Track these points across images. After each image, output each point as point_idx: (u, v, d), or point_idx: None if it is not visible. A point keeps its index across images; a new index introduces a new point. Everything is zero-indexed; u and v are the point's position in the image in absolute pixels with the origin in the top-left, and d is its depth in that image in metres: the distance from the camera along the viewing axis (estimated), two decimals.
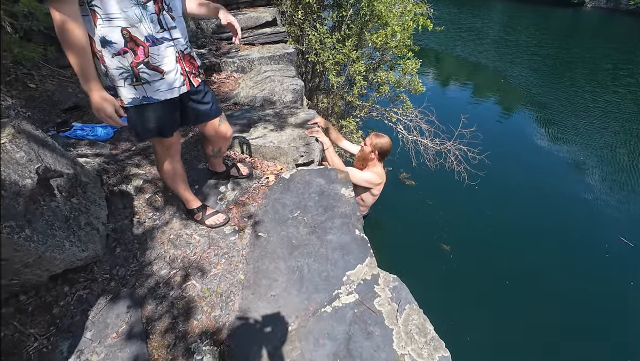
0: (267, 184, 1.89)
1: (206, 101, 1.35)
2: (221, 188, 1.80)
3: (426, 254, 4.82)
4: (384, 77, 3.92)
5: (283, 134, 2.15)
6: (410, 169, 5.86)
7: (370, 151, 2.23)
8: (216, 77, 3.21)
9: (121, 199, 1.63)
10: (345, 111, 4.40)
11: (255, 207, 1.73)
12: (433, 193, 5.44)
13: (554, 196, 5.23)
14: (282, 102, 2.75)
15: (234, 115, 2.54)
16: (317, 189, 1.80)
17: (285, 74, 3.08)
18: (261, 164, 2.07)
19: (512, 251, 4.55)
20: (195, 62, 1.27)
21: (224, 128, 1.47)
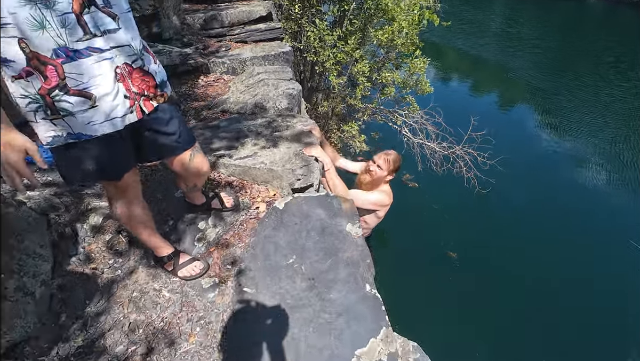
0: (257, 216, 1.58)
1: (170, 130, 1.02)
2: (200, 224, 1.48)
3: (431, 262, 4.55)
4: (389, 78, 3.58)
5: (276, 152, 1.82)
6: (415, 172, 5.55)
7: (386, 175, 1.94)
8: (203, 80, 2.87)
9: (74, 243, 1.31)
10: (347, 114, 4.07)
11: (242, 248, 1.42)
12: (438, 197, 5.14)
13: (571, 204, 4.94)
14: (276, 109, 2.42)
15: (220, 126, 2.22)
16: (317, 224, 1.49)
17: (280, 76, 2.74)
18: (250, 189, 1.75)
19: (521, 260, 4.28)
20: (153, 78, 0.95)
21: (198, 163, 1.15)
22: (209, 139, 2.04)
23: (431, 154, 4.67)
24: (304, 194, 1.68)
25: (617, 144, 6.34)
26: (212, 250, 1.40)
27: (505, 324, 3.66)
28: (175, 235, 1.43)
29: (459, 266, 4.56)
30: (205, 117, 2.41)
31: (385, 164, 1.93)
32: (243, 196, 1.70)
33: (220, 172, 1.81)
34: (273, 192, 1.74)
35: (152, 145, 1.02)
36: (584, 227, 4.67)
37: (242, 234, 1.48)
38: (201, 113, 2.47)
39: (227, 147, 1.94)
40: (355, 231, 1.44)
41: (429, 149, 4.63)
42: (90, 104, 0.80)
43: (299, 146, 1.88)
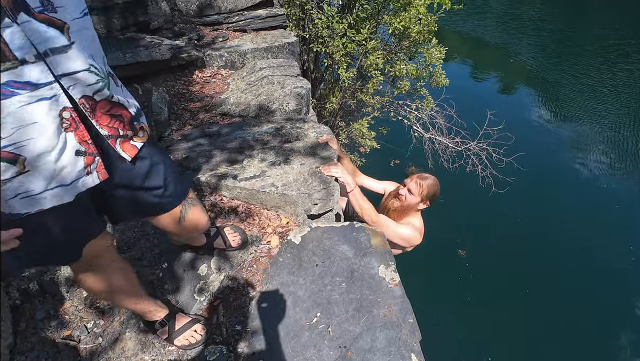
0: (269, 254, 1.31)
1: (153, 184, 0.74)
2: (201, 268, 1.21)
3: (441, 259, 4.39)
4: (403, 70, 3.25)
5: (289, 171, 1.54)
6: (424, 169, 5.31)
7: (418, 202, 1.62)
8: (199, 76, 2.54)
9: (43, 303, 1.04)
10: (355, 109, 3.76)
11: (253, 299, 1.16)
12: (450, 195, 4.92)
13: (592, 205, 4.72)
14: (283, 111, 2.12)
15: (220, 133, 1.92)
16: (344, 266, 1.23)
17: (286, 72, 2.42)
18: (259, 216, 1.47)
19: (537, 269, 4.13)
20: (126, 109, 0.66)
21: (192, 220, 0.86)
22: (208, 151, 1.75)
23: (443, 149, 4.39)
24: (324, 223, 1.41)
25: None
26: (217, 303, 1.14)
27: (512, 325, 3.56)
28: (171, 283, 1.17)
29: (468, 265, 4.40)
30: (203, 122, 2.11)
31: (418, 189, 1.62)
32: (251, 226, 1.42)
33: (223, 195, 1.53)
34: (286, 220, 1.47)
35: (129, 205, 0.74)
36: (611, 234, 4.49)
37: (252, 279, 1.22)
38: (197, 116, 2.17)
39: (230, 161, 1.66)
40: (391, 277, 1.18)
41: (441, 144, 4.35)
42: (18, 169, 0.51)
43: (314, 161, 1.59)
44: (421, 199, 1.59)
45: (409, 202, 1.62)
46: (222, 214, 1.46)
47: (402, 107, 4.04)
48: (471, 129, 4.20)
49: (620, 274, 4.05)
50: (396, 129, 4.59)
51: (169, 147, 1.82)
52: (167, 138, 1.92)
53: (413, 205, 1.61)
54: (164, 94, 2.04)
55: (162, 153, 0.79)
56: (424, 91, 3.63)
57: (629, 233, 4.49)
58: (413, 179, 1.63)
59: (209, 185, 1.52)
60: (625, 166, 5.59)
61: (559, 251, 4.30)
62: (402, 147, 5.15)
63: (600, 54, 8.91)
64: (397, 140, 5.28)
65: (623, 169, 5.53)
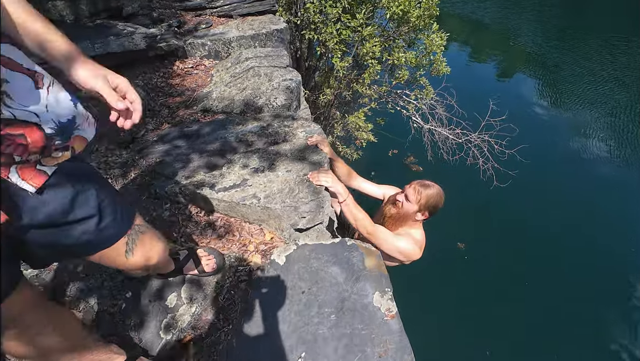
0: (248, 277, 1.16)
1: (81, 215, 0.58)
2: (170, 298, 1.06)
3: (439, 252, 4.29)
4: (402, 59, 3.04)
5: (273, 179, 1.37)
6: (423, 162, 5.15)
7: (416, 211, 1.45)
8: (180, 67, 2.33)
9: None
10: (351, 100, 3.55)
11: (230, 335, 1.01)
12: (450, 189, 4.78)
13: (594, 196, 4.60)
14: (271, 107, 1.93)
15: (200, 133, 1.74)
16: (333, 294, 1.08)
17: (274, 62, 2.22)
18: (239, 231, 1.32)
19: (539, 265, 4.04)
20: (36, 126, 0.49)
21: (144, 251, 0.70)
22: (185, 154, 1.58)
23: (442, 141, 4.21)
24: (312, 240, 1.25)
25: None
26: (187, 341, 0.99)
27: (512, 318, 3.51)
28: (134, 317, 1.02)
29: (467, 258, 4.30)
30: (182, 119, 1.92)
31: (415, 196, 1.44)
32: (230, 243, 1.27)
33: (199, 207, 1.37)
34: (270, 235, 1.31)
35: (50, 248, 0.58)
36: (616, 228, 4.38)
37: (229, 311, 1.07)
38: (177, 113, 1.97)
39: (209, 167, 1.48)
40: (387, 307, 1.04)
41: (441, 135, 4.17)
42: None
43: (302, 167, 1.42)
44: (419, 209, 1.43)
45: (405, 210, 1.45)
46: (198, 230, 1.29)
47: (401, 98, 3.84)
48: (472, 120, 4.01)
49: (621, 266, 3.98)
50: (394, 120, 4.39)
51: (142, 150, 1.64)
52: (141, 139, 1.74)
53: (410, 214, 1.44)
54: (137, 89, 1.84)
55: (92, 173, 0.62)
56: (423, 80, 3.42)
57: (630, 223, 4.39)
58: (412, 186, 1.46)
59: (184, 195, 1.35)
60: (626, 154, 5.46)
61: (560, 244, 4.21)
62: (400, 138, 4.99)
63: (601, 36, 8.63)
64: (395, 131, 5.10)
65: (625, 158, 5.40)
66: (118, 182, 1.43)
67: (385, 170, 5.39)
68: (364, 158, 4.58)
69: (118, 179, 1.45)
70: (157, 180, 1.45)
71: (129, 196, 1.38)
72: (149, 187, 1.41)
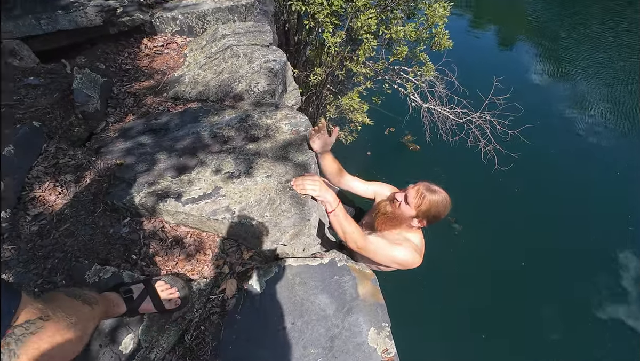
0: (222, 309, 0.98)
1: None
2: (124, 342, 0.88)
3: (432, 231, 4.21)
4: (400, 33, 2.74)
5: (250, 186, 1.17)
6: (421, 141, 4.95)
7: (412, 216, 1.25)
8: (147, 46, 2.04)
9: None
10: (346, 80, 3.27)
11: None
12: (449, 172, 4.62)
13: (596, 174, 4.47)
14: (251, 93, 1.68)
15: (169, 127, 1.51)
16: (321, 330, 0.91)
17: (255, 40, 1.94)
18: (213, 249, 1.13)
19: (535, 235, 3.97)
20: None
21: (39, 356, 0.50)
22: (151, 154, 1.36)
23: (442, 121, 3.97)
24: (297, 261, 1.07)
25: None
26: None
27: (509, 299, 3.51)
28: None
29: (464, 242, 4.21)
30: (150, 109, 1.67)
31: (416, 200, 1.22)
32: (200, 264, 1.08)
33: (164, 221, 1.17)
34: (248, 253, 1.12)
35: None
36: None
37: (199, 352, 0.90)
38: (144, 102, 1.72)
39: (177, 169, 1.27)
40: (384, 347, 0.87)
41: (440, 115, 3.92)
42: None
43: (285, 171, 1.22)
44: (416, 214, 1.24)
45: (401, 212, 1.26)
46: (163, 249, 1.10)
47: (399, 75, 3.56)
48: (474, 98, 3.77)
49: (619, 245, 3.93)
50: (391, 99, 4.13)
51: (100, 149, 1.41)
52: (99, 135, 1.50)
53: (405, 218, 1.26)
54: (93, 74, 1.58)
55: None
56: (423, 57, 3.13)
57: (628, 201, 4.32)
58: (417, 186, 1.26)
59: (145, 208, 1.15)
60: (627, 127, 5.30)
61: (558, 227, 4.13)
62: (398, 116, 4.75)
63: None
64: (392, 110, 4.84)
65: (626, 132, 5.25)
66: (69, 191, 1.22)
67: (381, 149, 5.18)
68: (358, 138, 4.36)
69: (70, 186, 1.24)
70: (115, 187, 1.23)
71: (81, 209, 1.17)
72: (105, 196, 1.20)
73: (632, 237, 4.00)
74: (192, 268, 1.07)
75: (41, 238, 1.08)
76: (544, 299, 3.51)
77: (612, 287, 3.65)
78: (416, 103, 3.91)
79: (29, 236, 1.08)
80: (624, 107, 5.66)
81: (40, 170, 1.28)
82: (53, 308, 0.52)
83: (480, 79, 4.15)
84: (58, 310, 0.52)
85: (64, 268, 1.01)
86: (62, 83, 1.62)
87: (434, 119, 4.00)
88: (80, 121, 1.50)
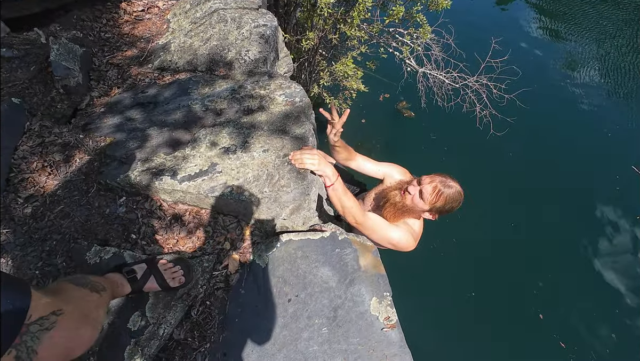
0: (225, 283, 1.00)
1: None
2: (132, 319, 0.90)
3: None
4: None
5: (247, 162, 1.14)
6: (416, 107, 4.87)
7: (425, 210, 1.24)
8: (126, 11, 1.90)
9: None
10: (339, 44, 3.12)
11: (206, 358, 0.88)
12: (439, 127, 4.60)
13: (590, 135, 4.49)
14: (242, 62, 1.60)
15: (159, 100, 1.44)
16: (325, 301, 0.94)
17: (243, 3, 1.81)
18: (213, 225, 1.12)
19: (533, 219, 4.04)
20: None
21: (54, 357, 0.49)
22: (141, 129, 1.31)
23: (438, 86, 3.88)
24: (298, 235, 1.08)
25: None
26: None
27: (502, 266, 3.61)
28: (91, 348, 0.86)
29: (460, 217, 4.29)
30: (136, 81, 1.59)
31: (433, 197, 1.22)
32: (201, 241, 1.08)
33: (161, 199, 1.15)
34: (248, 229, 1.12)
35: None
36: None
37: (206, 326, 0.92)
38: (128, 73, 1.63)
39: (171, 145, 1.23)
40: (386, 315, 0.91)
41: (436, 80, 3.83)
42: None
43: (282, 144, 1.19)
44: (430, 209, 1.23)
45: (414, 204, 1.26)
46: (162, 227, 1.10)
47: (394, 38, 3.40)
48: (471, 61, 3.65)
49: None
50: (386, 64, 3.99)
51: (87, 126, 1.35)
52: (85, 111, 1.43)
53: (416, 210, 1.26)
54: (70, 45, 1.48)
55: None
56: (420, 17, 2.99)
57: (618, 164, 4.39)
58: (434, 182, 1.23)
59: (140, 186, 1.12)
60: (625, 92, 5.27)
61: (550, 189, 4.20)
62: (393, 82, 4.63)
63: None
64: (387, 75, 4.70)
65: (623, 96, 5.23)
66: (60, 171, 1.18)
67: (376, 117, 5.09)
68: (352, 105, 4.26)
69: (60, 166, 1.19)
70: (107, 166, 1.20)
71: (74, 190, 1.14)
72: (97, 176, 1.17)
73: (619, 197, 4.11)
74: (193, 246, 1.07)
75: (36, 221, 1.06)
76: (537, 260, 3.64)
77: (601, 247, 3.78)
78: (412, 68, 3.78)
79: (23, 219, 1.06)
80: (622, 69, 5.58)
81: (25, 150, 1.23)
82: (63, 301, 0.51)
83: (478, 40, 4.02)
84: (69, 302, 0.52)
85: (63, 249, 1.00)
86: (39, 55, 1.51)
87: (429, 85, 3.90)
88: (62, 96, 1.42)
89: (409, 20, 3.19)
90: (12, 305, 0.42)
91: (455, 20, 3.63)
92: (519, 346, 2.86)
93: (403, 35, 3.28)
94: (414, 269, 3.38)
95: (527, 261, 3.58)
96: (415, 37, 3.26)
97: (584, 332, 2.96)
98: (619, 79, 5.53)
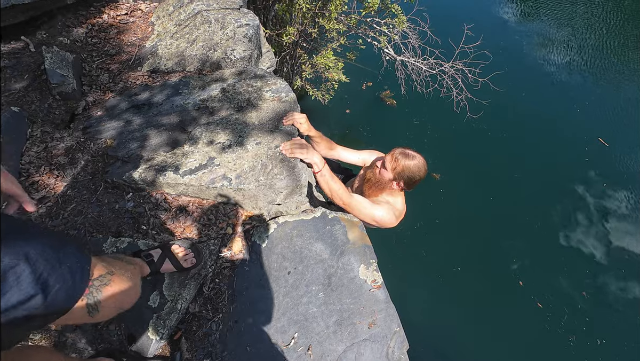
0: (231, 261, 1.13)
1: (16, 300, 0.46)
2: (152, 298, 1.02)
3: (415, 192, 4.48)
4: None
5: (243, 155, 1.26)
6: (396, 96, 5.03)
7: (390, 179, 1.39)
8: (110, 15, 1.95)
9: None
10: (319, 37, 3.22)
11: (220, 325, 1.01)
12: (420, 113, 4.78)
13: (576, 133, 4.73)
14: (229, 61, 1.70)
15: (152, 102, 1.53)
16: (319, 271, 1.08)
17: (225, 4, 1.89)
18: (215, 213, 1.24)
19: (513, 195, 4.27)
20: None
21: (112, 302, 0.61)
22: (139, 130, 1.40)
23: (416, 72, 4.04)
24: (292, 217, 1.21)
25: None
26: (178, 337, 0.99)
27: (487, 248, 3.83)
28: (117, 323, 0.99)
29: (442, 192, 4.50)
30: (128, 85, 1.66)
31: (392, 164, 1.35)
32: (205, 228, 1.20)
33: (166, 193, 1.26)
34: (247, 214, 1.25)
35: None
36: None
37: (217, 300, 1.06)
38: (119, 77, 1.70)
39: (169, 144, 1.34)
40: (373, 278, 1.06)
41: (414, 67, 3.97)
42: None
43: (273, 138, 1.31)
44: (393, 177, 1.38)
45: (381, 176, 1.41)
46: (169, 218, 1.21)
47: (371, 28, 3.52)
48: (446, 47, 3.81)
49: None
50: (366, 53, 4.11)
51: (87, 130, 1.44)
52: (82, 116, 1.51)
53: (385, 181, 1.40)
54: (62, 52, 1.54)
55: (16, 231, 0.49)
56: (395, 8, 3.11)
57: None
58: (394, 152, 1.39)
59: (145, 182, 1.23)
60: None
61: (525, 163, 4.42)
62: (374, 70, 4.76)
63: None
64: (367, 65, 4.82)
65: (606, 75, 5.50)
66: (66, 173, 1.27)
67: (359, 106, 5.23)
68: (336, 96, 4.38)
69: (66, 169, 1.28)
70: (111, 166, 1.29)
71: (83, 189, 1.24)
72: (103, 175, 1.27)
73: (588, 167, 4.40)
74: (198, 232, 1.19)
75: (51, 219, 1.16)
76: (511, 230, 3.88)
77: (573, 215, 4.06)
78: (390, 56, 3.91)
79: (39, 219, 1.15)
80: (590, 47, 5.84)
81: (32, 155, 1.31)
82: (112, 265, 0.63)
83: (452, 27, 4.15)
84: (115, 267, 0.64)
85: (80, 243, 1.11)
86: (30, 64, 1.58)
87: (408, 72, 4.05)
88: (59, 102, 1.50)
89: (384, 11, 3.32)
90: (80, 264, 0.54)
91: (429, 9, 3.76)
92: (501, 309, 3.10)
93: (380, 25, 3.40)
94: (403, 248, 3.57)
95: (507, 233, 3.81)
96: (391, 27, 3.39)
97: (559, 293, 3.23)
98: (587, 57, 5.79)
